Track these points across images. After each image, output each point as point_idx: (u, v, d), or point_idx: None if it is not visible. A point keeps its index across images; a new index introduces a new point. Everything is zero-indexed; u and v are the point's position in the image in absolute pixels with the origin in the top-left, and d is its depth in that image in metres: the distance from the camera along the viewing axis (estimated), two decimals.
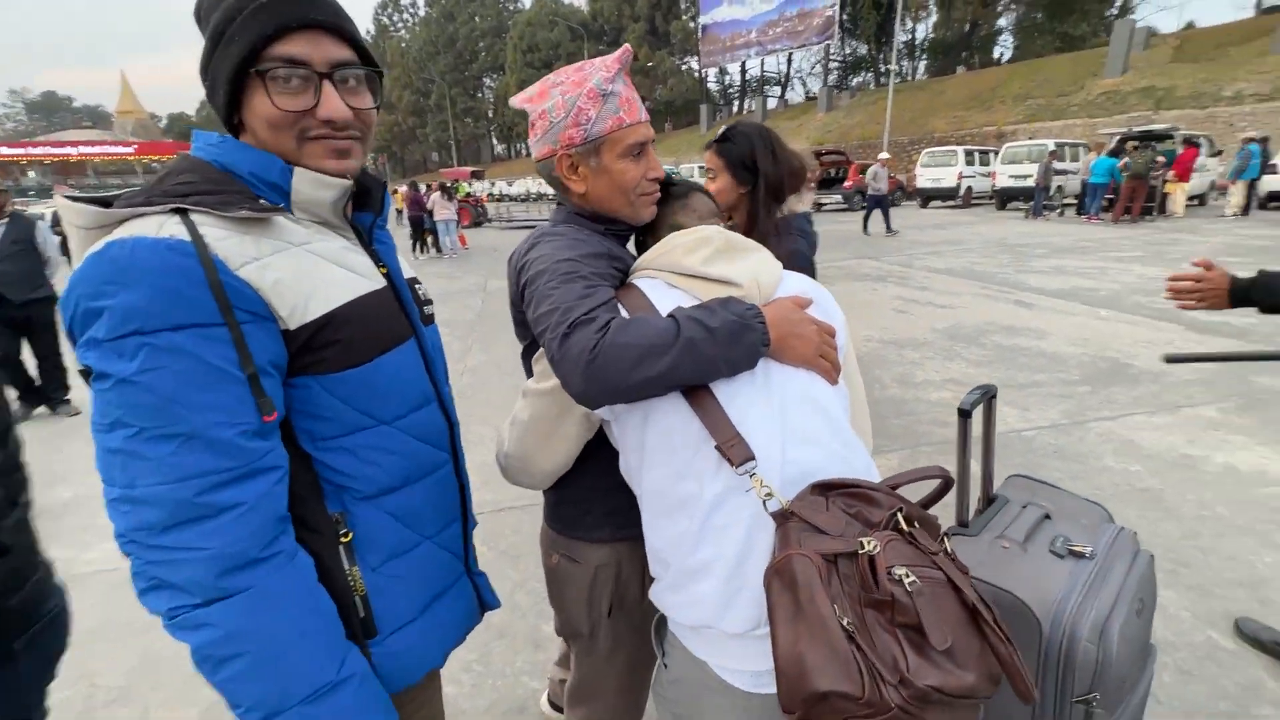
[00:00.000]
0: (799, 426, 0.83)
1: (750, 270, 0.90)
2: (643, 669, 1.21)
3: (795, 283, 0.97)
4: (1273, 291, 1.49)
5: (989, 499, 1.34)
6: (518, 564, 2.49)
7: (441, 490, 0.94)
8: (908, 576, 0.67)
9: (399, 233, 21.10)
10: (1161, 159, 13.17)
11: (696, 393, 0.82)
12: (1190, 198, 14.00)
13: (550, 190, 1.16)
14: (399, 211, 23.71)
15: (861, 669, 0.62)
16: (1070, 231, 12.01)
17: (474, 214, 19.44)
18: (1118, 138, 14.72)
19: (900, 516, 0.74)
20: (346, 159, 0.81)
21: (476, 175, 22.60)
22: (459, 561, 0.98)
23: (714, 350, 0.78)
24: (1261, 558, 2.30)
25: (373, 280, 0.84)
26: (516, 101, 1.03)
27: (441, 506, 0.94)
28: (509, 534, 2.71)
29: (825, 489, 0.76)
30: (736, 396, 0.83)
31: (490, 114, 75.86)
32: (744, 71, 53.79)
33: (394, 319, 0.87)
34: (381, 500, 0.84)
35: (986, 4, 40.64)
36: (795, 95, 52.45)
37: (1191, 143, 13.95)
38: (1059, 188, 15.15)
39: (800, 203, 1.54)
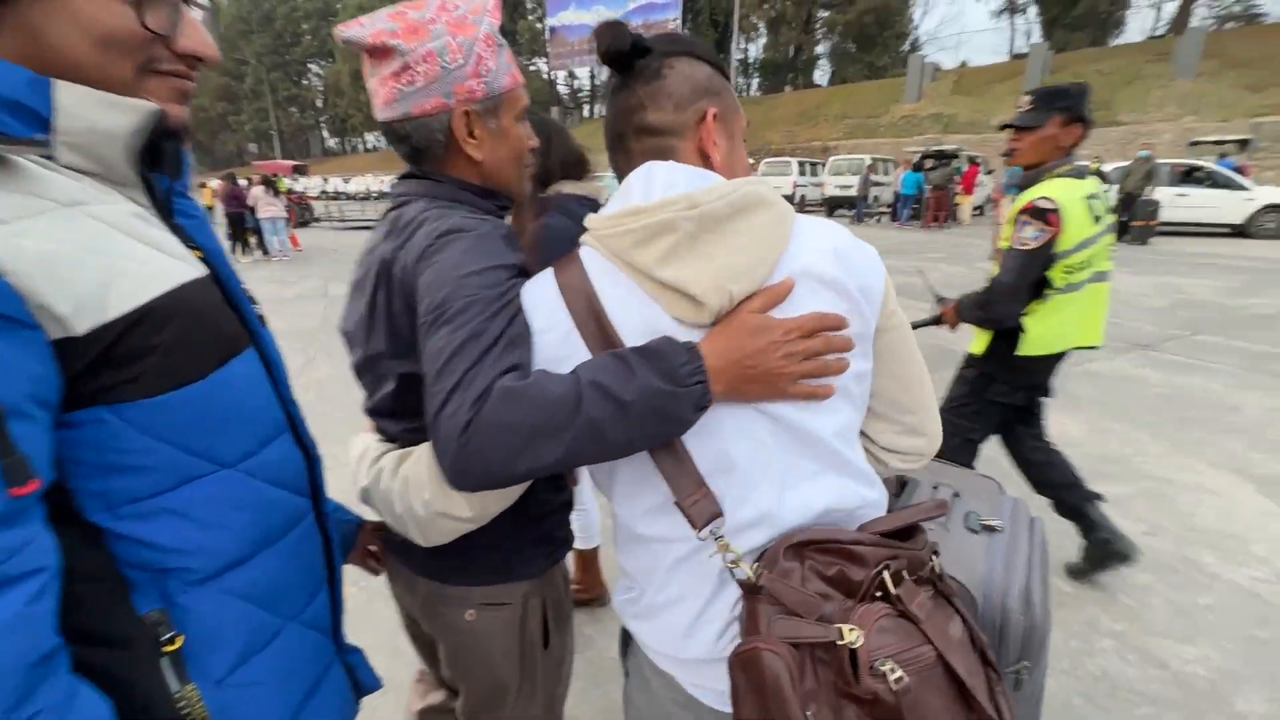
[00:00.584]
0: (789, 461, 0.69)
1: (722, 269, 0.65)
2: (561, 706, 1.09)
3: (814, 239, 0.71)
4: (962, 311, 2.12)
5: (901, 483, 1.38)
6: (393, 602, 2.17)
7: (305, 549, 0.71)
8: (893, 672, 0.58)
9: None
10: (957, 176, 15.54)
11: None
12: (974, 208, 16.59)
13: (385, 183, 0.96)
14: (209, 209, 20.76)
15: None
16: (888, 236, 13.64)
17: (297, 213, 17.05)
18: (920, 155, 17.12)
19: (888, 576, 0.64)
20: (184, 105, 0.60)
21: (299, 170, 20.16)
22: (329, 640, 0.75)
23: (625, 432, 0.61)
24: None
25: (189, 264, 0.60)
26: (368, 35, 0.76)
27: (306, 571, 0.71)
28: None
29: (800, 548, 0.65)
30: (718, 430, 0.68)
31: (319, 104, 69.18)
32: (593, 76, 54.43)
33: (224, 318, 0.63)
34: (226, 579, 0.61)
35: (808, 30, 45.02)
36: None
37: (973, 161, 16.58)
38: (876, 197, 17.16)
39: (581, 189, 1.53)
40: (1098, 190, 2.03)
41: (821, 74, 50.35)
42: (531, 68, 53.43)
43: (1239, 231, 12.13)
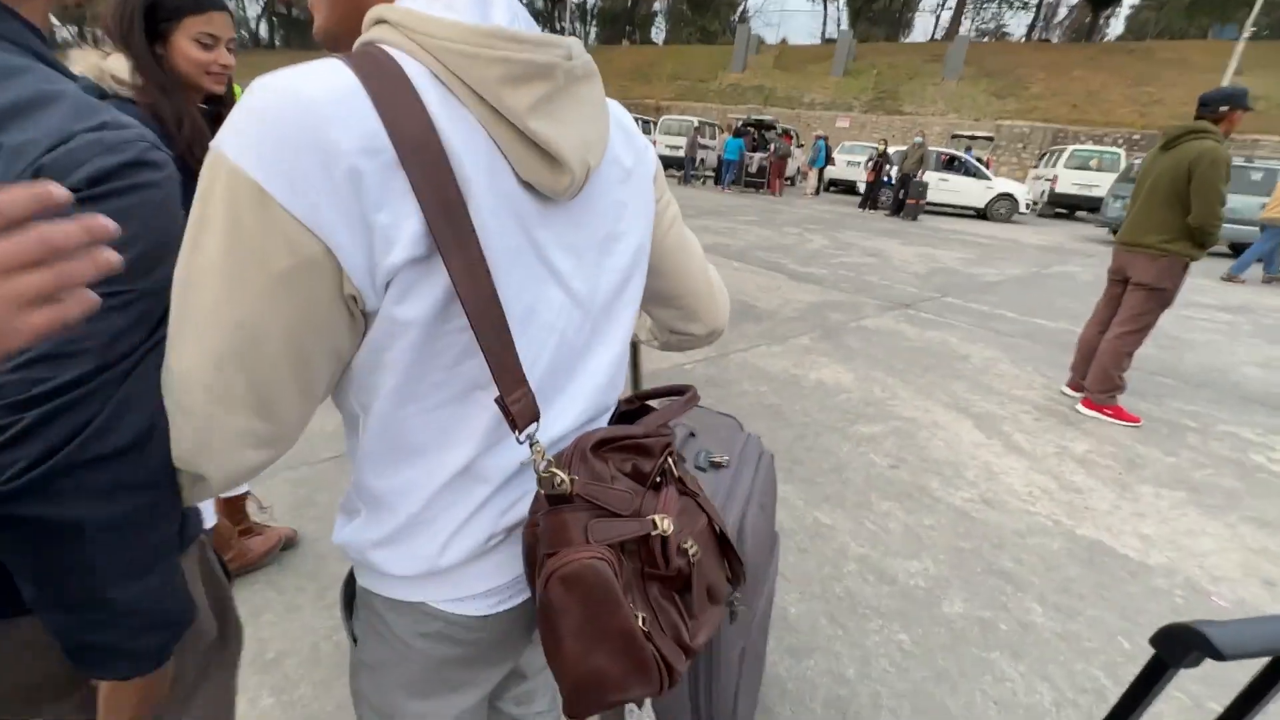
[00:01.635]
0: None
1: (578, 137, 0.55)
2: None
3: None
4: None
5: None
6: None
7: None
8: (692, 548, 0.63)
9: None
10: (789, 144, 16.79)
11: (479, 301, 0.51)
12: (785, 178, 18.04)
13: None
14: None
15: (660, 665, 0.57)
16: (710, 198, 14.28)
17: None
18: (741, 122, 18.06)
19: (671, 462, 0.66)
20: None
21: None
22: None
23: None
24: (841, 447, 3.00)
25: None
26: None
27: None
28: None
29: (600, 448, 0.60)
30: (533, 316, 0.58)
31: None
32: None
33: None
34: None
35: None
36: None
37: (788, 133, 17.90)
38: (702, 160, 17.85)
39: None
40: None
41: (658, 32, 50.62)
42: None
43: (980, 214, 14.66)
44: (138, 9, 1.21)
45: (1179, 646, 0.44)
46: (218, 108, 1.41)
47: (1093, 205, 14.16)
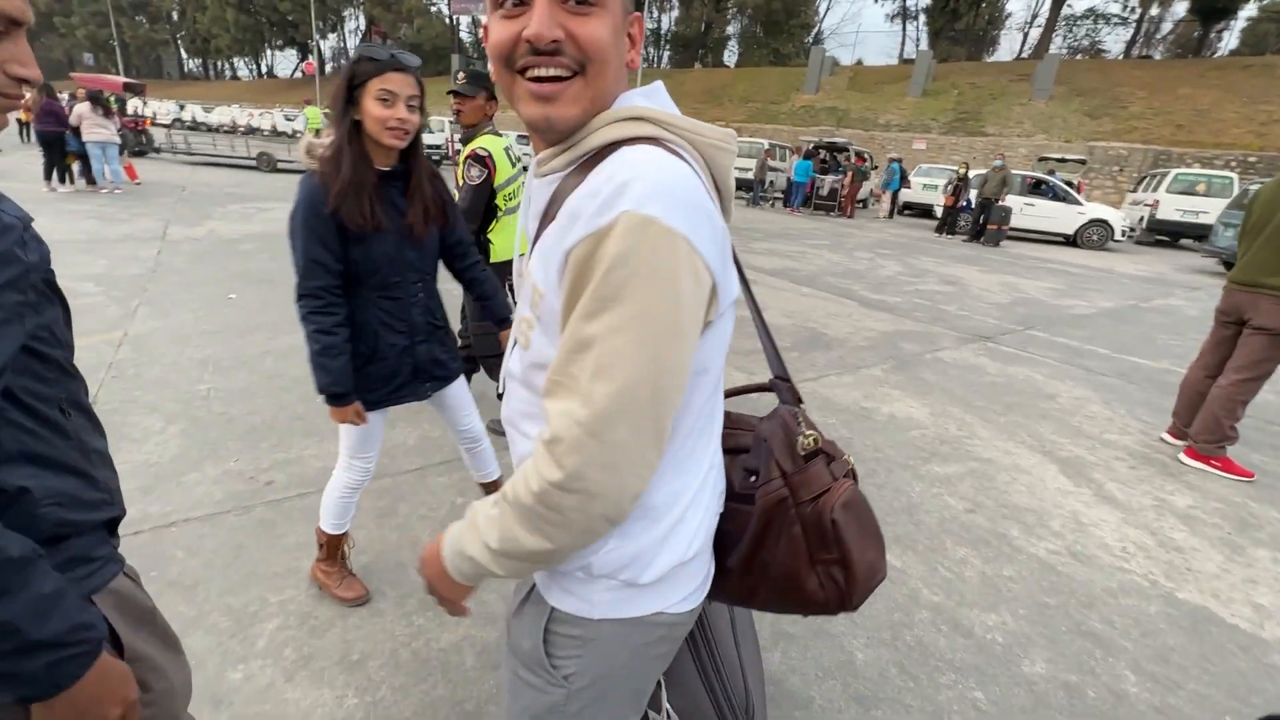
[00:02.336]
0: None
1: None
2: None
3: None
4: None
5: None
6: (192, 595, 1.90)
7: None
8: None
9: (24, 154, 15.72)
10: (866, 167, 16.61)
11: (755, 314, 0.94)
12: (858, 201, 17.64)
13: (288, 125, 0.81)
14: (23, 124, 17.33)
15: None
16: (778, 220, 14.15)
17: (129, 140, 13.74)
18: (813, 144, 17.86)
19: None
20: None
21: (132, 89, 16.88)
22: None
23: None
24: (913, 487, 2.90)
25: None
26: None
27: None
28: (181, 556, 2.07)
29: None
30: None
31: (175, 16, 60.04)
32: None
33: None
34: None
35: (719, 9, 45.26)
36: None
37: (860, 156, 17.55)
38: (771, 182, 17.74)
39: None
40: (511, 144, 2.87)
41: (730, 55, 50.95)
42: (433, 8, 49.63)
43: (1070, 241, 13.82)
44: (343, 81, 1.47)
45: None
46: (406, 164, 1.64)
47: (1199, 233, 13.10)
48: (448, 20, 49.68)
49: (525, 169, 2.81)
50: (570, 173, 0.66)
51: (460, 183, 2.72)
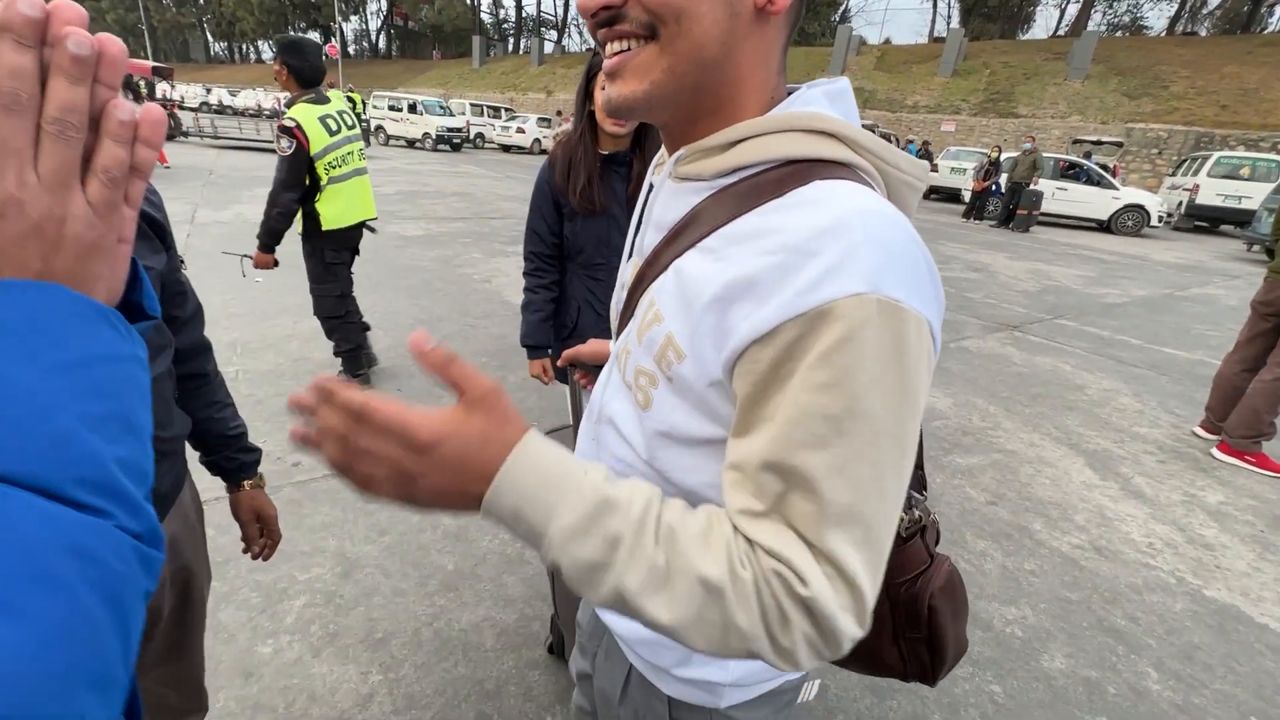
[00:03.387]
0: None
1: None
2: None
3: None
4: (262, 235, 3.00)
5: None
6: (223, 571, 1.96)
7: None
8: None
9: None
10: None
11: None
12: None
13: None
14: None
15: None
16: None
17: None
18: None
19: None
20: None
21: (161, 73, 17.19)
22: None
23: None
24: (934, 478, 2.87)
25: None
26: None
27: None
28: (212, 534, 2.13)
29: None
30: None
31: (201, 0, 60.60)
32: (520, 7, 51.09)
33: None
34: None
35: None
36: (573, 44, 51.66)
37: (886, 138, 17.21)
38: None
39: None
40: (333, 112, 2.87)
41: None
42: None
43: (1103, 226, 13.41)
44: (584, 72, 1.59)
45: None
46: (631, 153, 1.72)
47: (1241, 219, 12.61)
48: (469, 1, 49.40)
49: (356, 137, 3.03)
50: (723, 189, 0.52)
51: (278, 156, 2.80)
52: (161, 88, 22.70)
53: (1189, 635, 2.03)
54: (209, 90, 32.49)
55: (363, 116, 16.71)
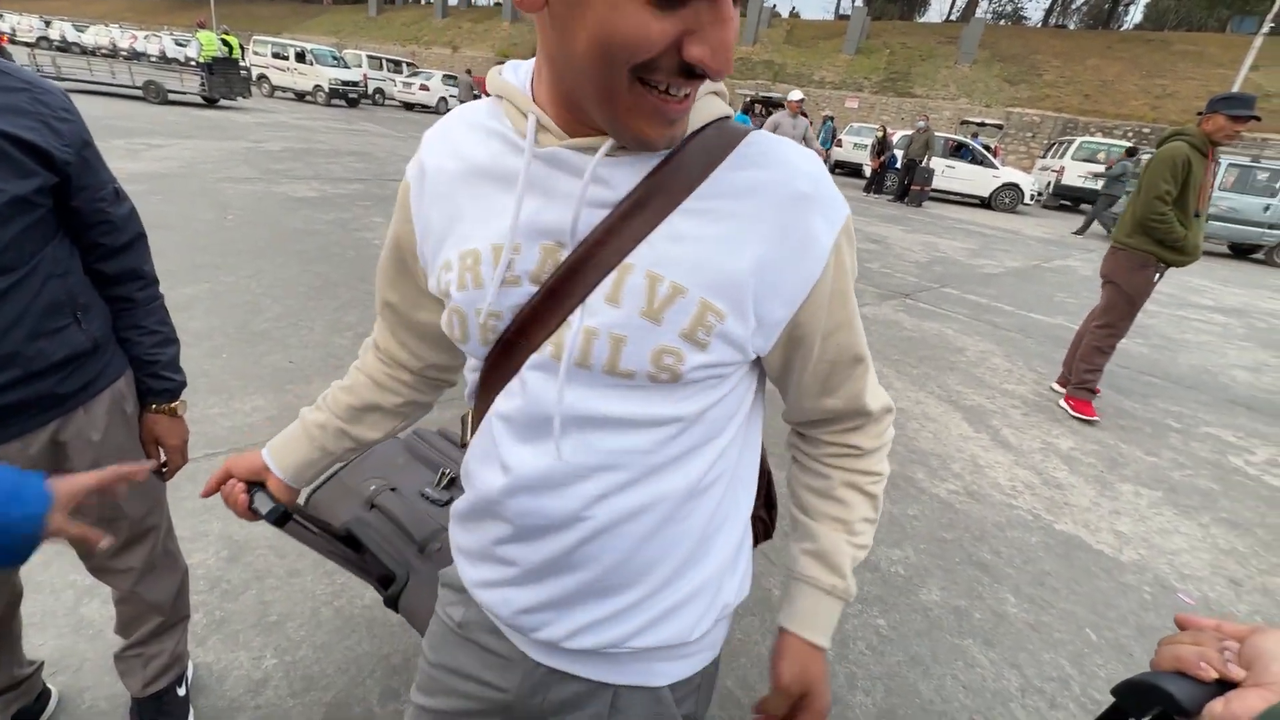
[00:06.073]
0: None
1: None
2: None
3: None
4: None
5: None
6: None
7: None
8: None
9: None
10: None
11: None
12: None
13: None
14: None
15: None
16: None
17: None
18: (749, 99, 17.82)
19: None
20: None
21: None
22: None
23: None
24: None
25: None
26: None
27: None
28: None
29: None
30: None
31: None
32: None
33: None
34: None
35: None
36: None
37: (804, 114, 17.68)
38: None
39: None
40: None
41: None
42: None
43: (985, 203, 14.58)
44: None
45: (1141, 700, 0.41)
46: None
47: (1096, 199, 14.11)
48: None
49: None
50: (674, 154, 0.53)
51: None
52: None
53: (1041, 564, 2.31)
54: (48, 23, 28.10)
55: (241, 63, 15.04)
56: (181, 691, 1.36)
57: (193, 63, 13.85)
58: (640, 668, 0.65)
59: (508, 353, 0.57)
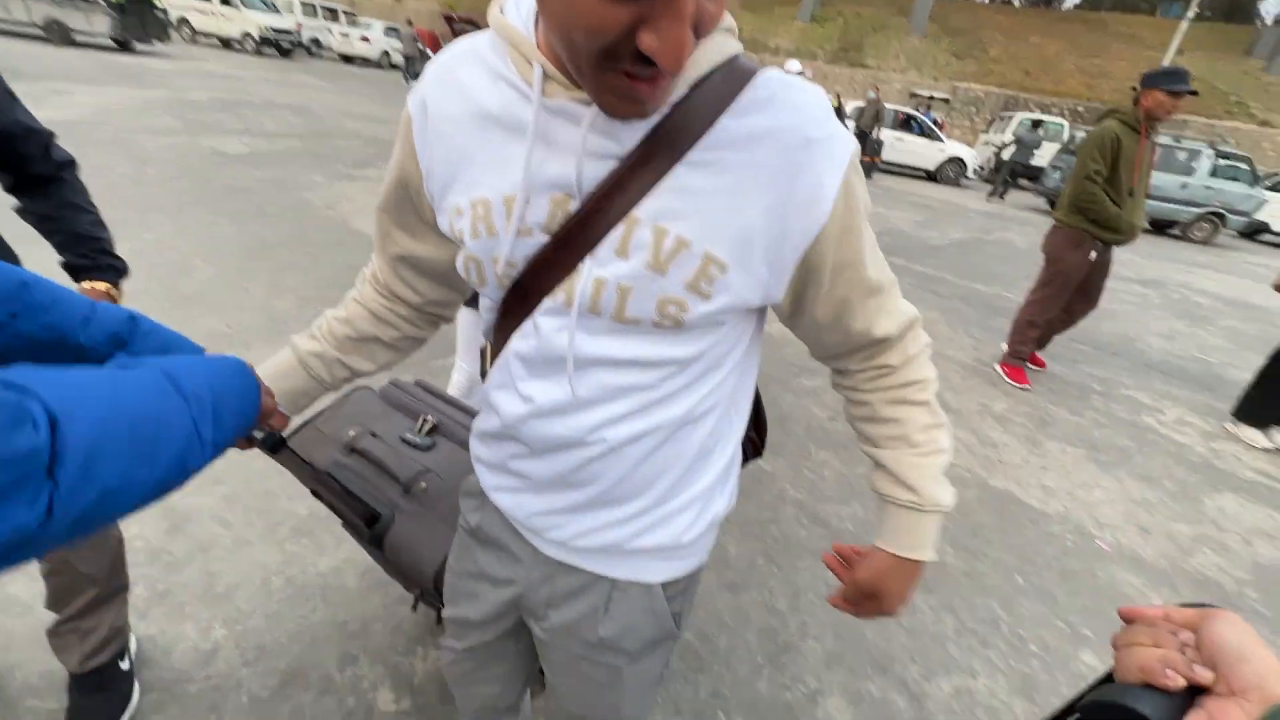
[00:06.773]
0: None
1: None
2: None
3: None
4: None
5: None
6: None
7: None
8: None
9: None
10: None
11: None
12: None
13: None
14: None
15: None
16: None
17: None
18: None
19: None
20: None
21: None
22: None
23: None
24: (784, 399, 3.14)
25: None
26: None
27: None
28: None
29: None
30: None
31: None
32: None
33: None
34: None
35: None
36: None
37: None
38: None
39: None
40: None
41: None
42: None
43: (931, 176, 14.98)
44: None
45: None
46: None
47: (1035, 174, 14.69)
48: None
49: None
50: (677, 105, 0.52)
51: None
52: None
53: (976, 517, 2.46)
54: None
55: (157, 3, 13.78)
56: (125, 665, 1.31)
57: (102, 0, 12.59)
58: (638, 564, 0.71)
59: (522, 298, 0.60)
